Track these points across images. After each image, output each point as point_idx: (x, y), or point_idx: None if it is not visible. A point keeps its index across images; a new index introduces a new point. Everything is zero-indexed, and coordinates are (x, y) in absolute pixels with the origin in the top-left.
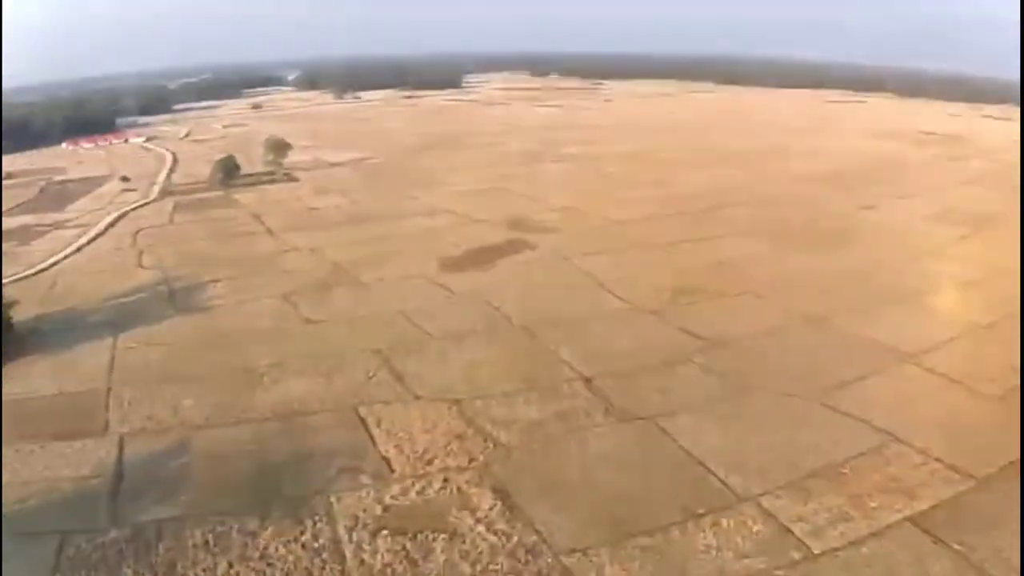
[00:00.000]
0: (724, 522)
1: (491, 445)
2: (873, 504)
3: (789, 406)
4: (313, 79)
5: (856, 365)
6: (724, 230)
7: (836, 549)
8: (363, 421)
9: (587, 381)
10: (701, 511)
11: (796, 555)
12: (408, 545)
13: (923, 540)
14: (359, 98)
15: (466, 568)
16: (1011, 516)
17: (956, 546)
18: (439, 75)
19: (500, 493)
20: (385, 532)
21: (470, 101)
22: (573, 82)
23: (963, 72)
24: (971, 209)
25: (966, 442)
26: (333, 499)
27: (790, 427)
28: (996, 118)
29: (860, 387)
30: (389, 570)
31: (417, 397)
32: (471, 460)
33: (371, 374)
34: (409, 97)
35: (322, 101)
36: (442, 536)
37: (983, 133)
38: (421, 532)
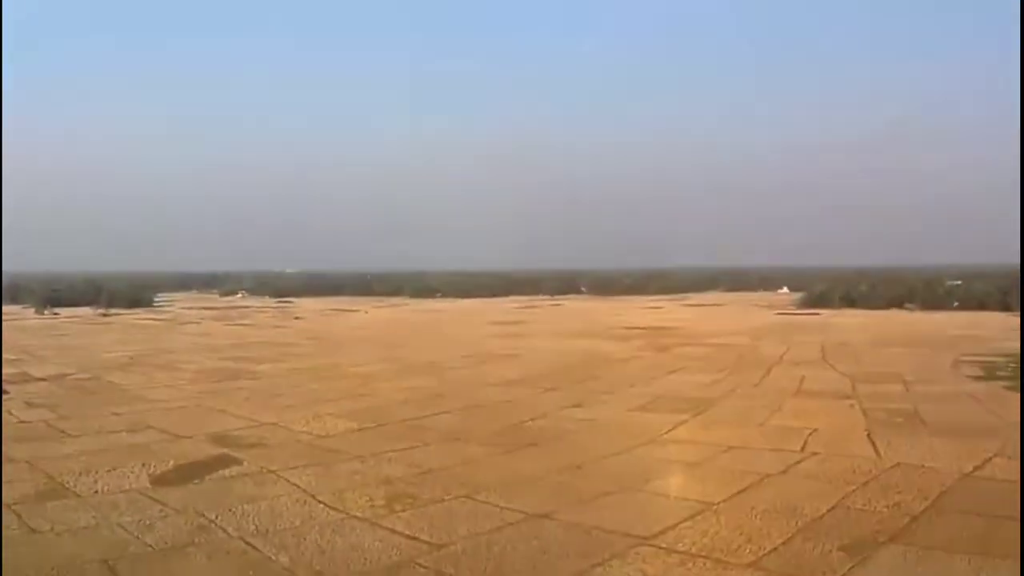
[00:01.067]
0: None
1: None
2: None
3: None
4: (14, 292)
5: (590, 554)
6: (428, 439)
7: None
8: None
9: None
10: None
11: None
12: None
13: None
14: (57, 314)
15: None
16: None
17: None
18: (131, 292)
19: None
20: None
21: (163, 320)
22: (262, 300)
23: (659, 267)
24: (683, 395)
25: None
26: None
27: None
28: (700, 304)
29: (599, 573)
30: None
31: None
32: None
33: None
34: (105, 315)
35: (22, 315)
36: None
37: (688, 322)
38: None
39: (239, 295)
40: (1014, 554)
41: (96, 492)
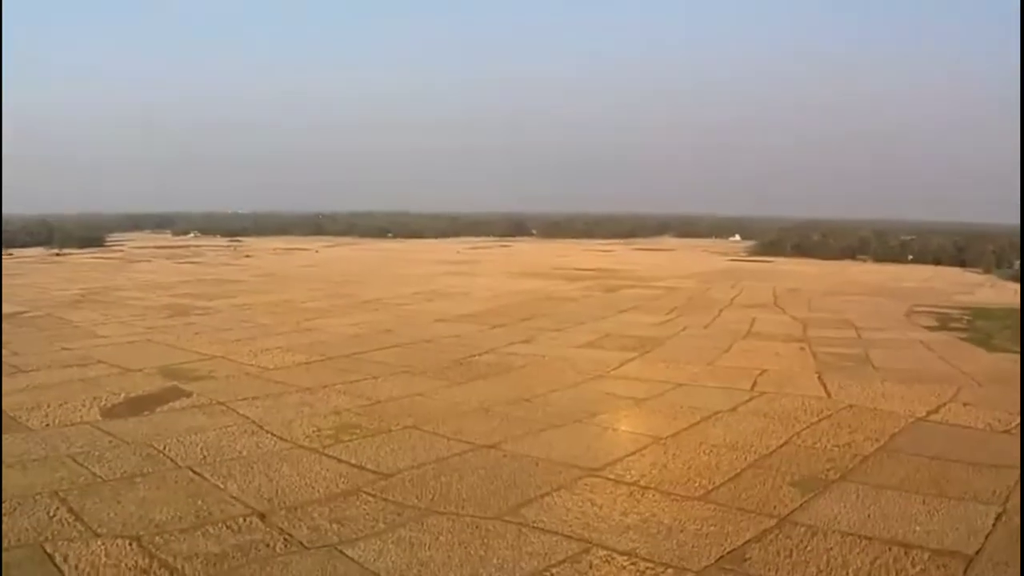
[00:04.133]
0: None
1: None
2: None
3: (475, 525)
4: None
5: (538, 484)
6: (376, 372)
7: None
8: (50, 557)
9: (261, 516)
10: None
11: None
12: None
13: None
14: (11, 254)
15: None
16: None
17: None
18: (83, 233)
19: None
20: None
21: (115, 259)
22: (213, 240)
23: (611, 212)
24: (631, 334)
25: (673, 540)
26: None
27: (479, 544)
28: (649, 249)
29: (546, 502)
30: None
31: (97, 534)
32: None
33: (51, 514)
34: (57, 255)
35: None
36: None
37: (637, 264)
38: None
39: (191, 235)
40: (969, 496)
41: (48, 425)
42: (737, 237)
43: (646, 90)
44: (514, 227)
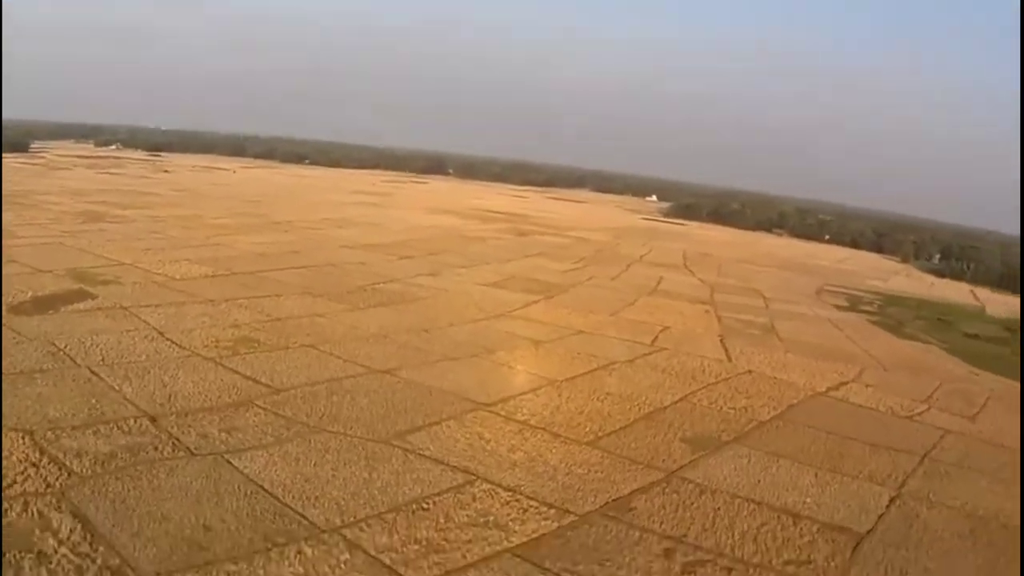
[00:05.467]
0: (309, 551)
1: (66, 474)
2: (466, 537)
3: (362, 447)
4: None
5: (428, 413)
6: (280, 290)
7: None
8: None
9: (152, 419)
10: (282, 540)
11: None
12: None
13: (530, 570)
14: None
15: None
16: (623, 548)
17: (567, 575)
18: (6, 138)
19: (79, 518)
20: None
21: (37, 165)
22: (135, 153)
23: (529, 160)
24: (537, 278)
25: (558, 482)
26: None
27: (364, 466)
28: (564, 199)
29: (435, 431)
30: None
31: None
32: (48, 486)
33: None
34: None
35: None
36: (28, 556)
37: (550, 213)
38: (8, 552)
39: (113, 147)
40: (864, 475)
41: None
42: (654, 197)
43: (582, 39)
44: (433, 164)
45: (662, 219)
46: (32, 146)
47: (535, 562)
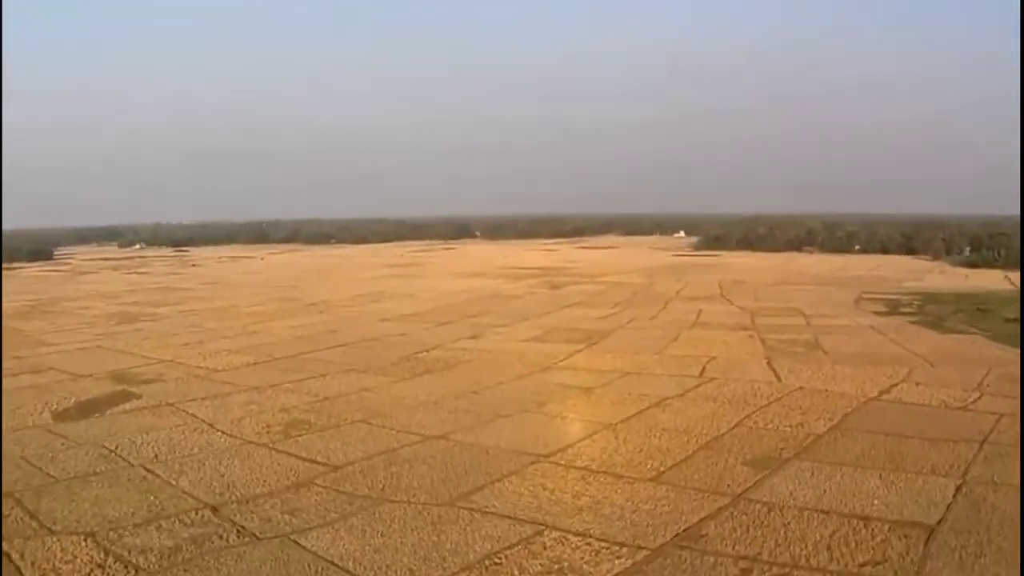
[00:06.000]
0: None
1: (133, 571)
2: None
3: (426, 512)
4: None
5: (488, 471)
6: (323, 370)
7: None
8: (7, 555)
9: (214, 509)
10: None
11: None
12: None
13: None
14: None
15: None
16: (700, 574)
17: None
18: (31, 247)
19: None
20: None
21: (64, 271)
22: (159, 251)
23: (555, 213)
24: (577, 327)
25: (627, 520)
26: None
27: (432, 530)
28: (594, 247)
29: (497, 487)
30: None
31: (52, 531)
32: None
33: (7, 513)
34: (9, 268)
35: None
36: None
37: (581, 262)
38: None
39: (137, 246)
40: (927, 470)
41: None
42: (681, 233)
43: (576, 94)
44: (458, 230)
45: (693, 253)
46: (56, 252)
47: None
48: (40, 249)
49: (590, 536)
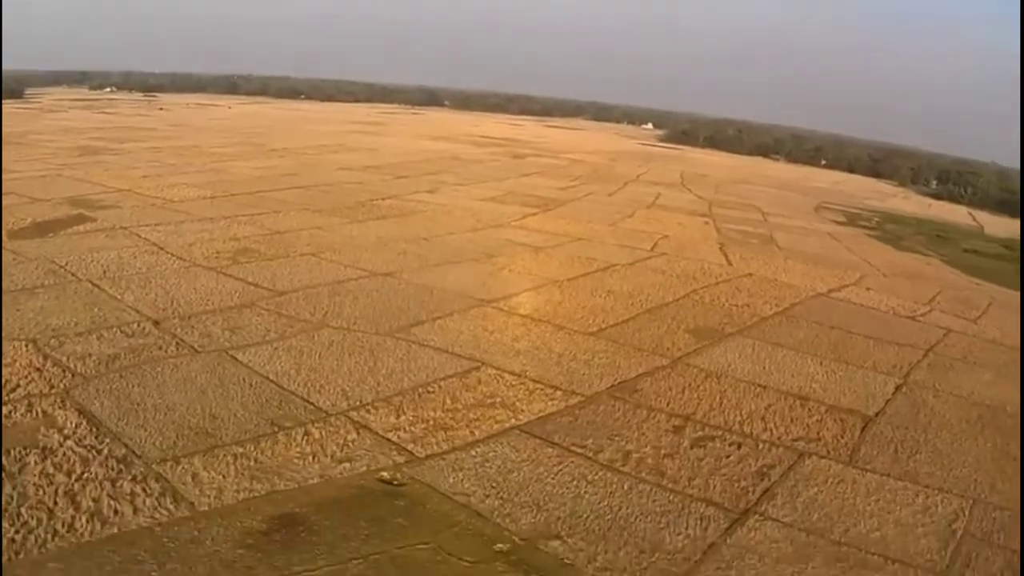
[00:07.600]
0: (316, 433)
1: (70, 375)
2: (472, 416)
3: (365, 340)
4: None
5: (430, 309)
6: (278, 208)
7: (442, 453)
8: None
9: (155, 323)
10: (289, 424)
11: (399, 458)
12: (2, 462)
13: (536, 444)
14: None
15: (61, 477)
16: (631, 425)
17: (576, 448)
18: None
19: (84, 414)
20: None
21: (33, 108)
22: (129, 95)
23: (527, 92)
24: (533, 194)
25: (563, 367)
26: None
27: (369, 357)
28: (560, 127)
29: (438, 324)
30: None
31: None
32: (52, 387)
33: None
34: None
35: None
36: (34, 451)
37: (546, 138)
38: (13, 449)
39: (108, 89)
40: (869, 365)
41: None
42: (649, 125)
43: None
44: (428, 97)
45: (658, 144)
46: (27, 92)
47: (543, 437)
48: (11, 88)
49: (525, 377)
